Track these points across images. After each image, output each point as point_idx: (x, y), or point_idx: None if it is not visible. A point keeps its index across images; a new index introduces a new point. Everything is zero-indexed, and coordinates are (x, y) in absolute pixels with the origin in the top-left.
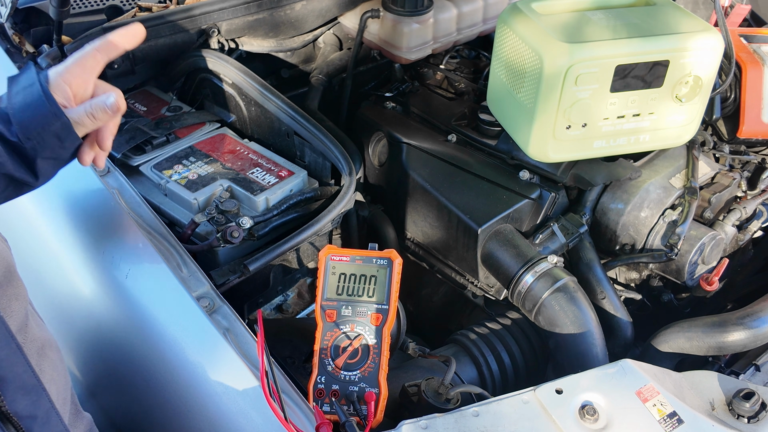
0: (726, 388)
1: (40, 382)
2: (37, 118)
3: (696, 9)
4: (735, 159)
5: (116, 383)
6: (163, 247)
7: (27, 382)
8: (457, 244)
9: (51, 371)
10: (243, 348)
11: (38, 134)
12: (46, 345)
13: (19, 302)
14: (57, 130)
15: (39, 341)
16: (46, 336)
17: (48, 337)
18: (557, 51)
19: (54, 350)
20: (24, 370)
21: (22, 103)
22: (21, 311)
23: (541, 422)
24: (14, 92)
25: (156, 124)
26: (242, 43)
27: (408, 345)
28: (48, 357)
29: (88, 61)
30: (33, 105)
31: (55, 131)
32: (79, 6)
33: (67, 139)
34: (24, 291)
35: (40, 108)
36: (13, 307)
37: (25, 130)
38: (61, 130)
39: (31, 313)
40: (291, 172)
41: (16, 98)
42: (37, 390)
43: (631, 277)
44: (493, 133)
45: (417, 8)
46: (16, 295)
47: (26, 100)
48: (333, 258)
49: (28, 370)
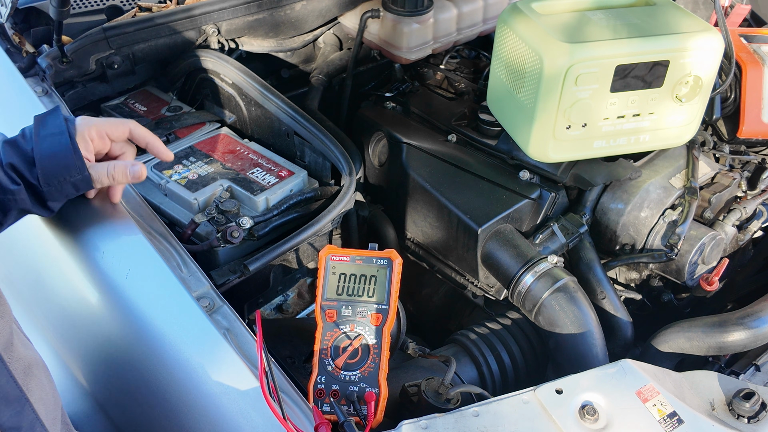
0: (726, 388)
1: (24, 393)
2: (61, 169)
3: (696, 9)
4: (735, 159)
5: (115, 383)
6: (163, 247)
7: (10, 393)
8: (457, 244)
9: (38, 391)
10: (243, 348)
11: (58, 182)
12: (33, 364)
13: (3, 320)
14: (77, 181)
15: (25, 360)
16: (32, 356)
17: (35, 357)
18: (557, 51)
19: (41, 370)
20: (7, 381)
21: (48, 151)
22: (6, 330)
23: (541, 422)
24: (42, 136)
25: (156, 124)
26: (242, 43)
27: (408, 345)
28: (35, 376)
29: (118, 129)
30: (59, 155)
31: (74, 182)
32: (79, 6)
33: (82, 189)
34: (8, 310)
35: (66, 159)
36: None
37: (48, 177)
38: (80, 182)
39: (17, 332)
40: (291, 172)
41: (44, 144)
42: (20, 401)
43: (631, 277)
44: (493, 133)
45: (417, 8)
46: (0, 313)
47: (53, 149)
48: (333, 258)
49: (10, 381)
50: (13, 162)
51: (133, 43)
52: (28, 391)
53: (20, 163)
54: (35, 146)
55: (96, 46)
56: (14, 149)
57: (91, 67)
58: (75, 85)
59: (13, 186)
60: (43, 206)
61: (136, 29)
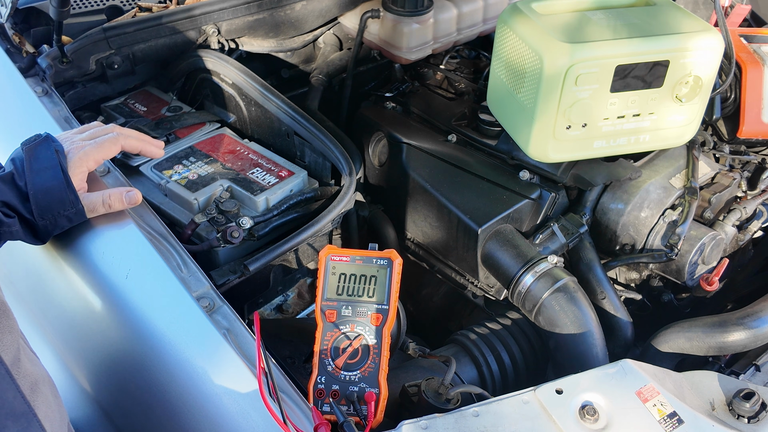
0: (726, 388)
1: (31, 409)
2: (55, 203)
3: (696, 9)
4: (735, 159)
5: (114, 383)
6: (163, 247)
7: (17, 408)
8: (457, 244)
9: (45, 408)
10: (243, 348)
11: (53, 216)
12: (39, 381)
13: (11, 336)
14: (71, 215)
15: (32, 377)
16: (39, 372)
17: (41, 373)
18: (557, 51)
19: (47, 386)
20: (14, 396)
21: (42, 187)
22: (13, 345)
23: (541, 422)
24: (35, 170)
25: (156, 124)
26: (242, 43)
27: (408, 345)
28: (41, 393)
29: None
30: (53, 191)
31: (68, 215)
32: (79, 6)
33: (76, 221)
34: (15, 325)
35: (60, 194)
36: (5, 341)
37: (42, 212)
38: (74, 215)
39: (24, 347)
40: (291, 172)
41: (37, 179)
42: (27, 417)
43: (631, 277)
44: (493, 133)
45: (417, 8)
46: (8, 328)
47: (47, 184)
48: (333, 258)
49: (18, 396)
50: (7, 200)
51: (133, 43)
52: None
53: (14, 199)
54: (28, 181)
55: (96, 46)
56: (8, 186)
57: (91, 67)
58: (75, 85)
59: (7, 219)
60: (36, 237)
61: (136, 29)
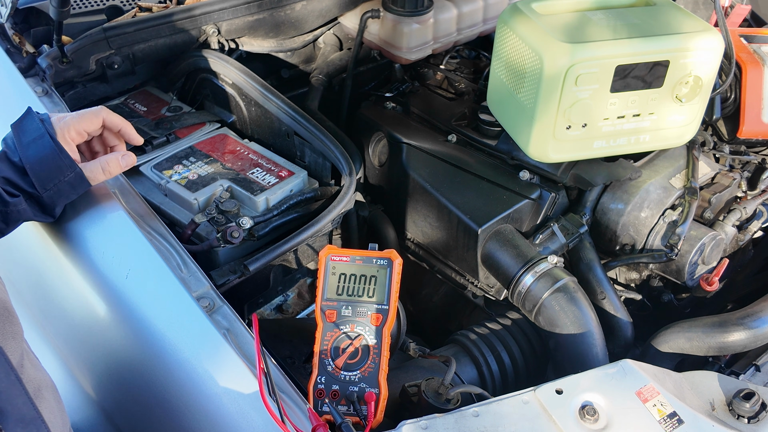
0: (726, 388)
1: (40, 414)
2: (53, 171)
3: (696, 9)
4: (735, 159)
5: (115, 383)
6: (163, 247)
7: (26, 414)
8: (457, 244)
9: (49, 413)
10: (243, 348)
11: (54, 185)
12: (42, 386)
13: (16, 341)
14: (71, 180)
15: (35, 382)
16: (42, 377)
17: (45, 378)
18: (557, 51)
19: (51, 391)
20: (24, 402)
21: (36, 157)
22: (17, 350)
23: (541, 422)
24: (25, 143)
25: (156, 124)
26: (242, 43)
27: (408, 345)
28: (45, 398)
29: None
30: (47, 159)
31: (69, 181)
32: (79, 6)
33: (80, 187)
34: (20, 330)
35: (55, 161)
36: (10, 346)
37: (43, 182)
38: (75, 180)
39: (27, 352)
40: (291, 172)
41: (29, 151)
42: (36, 423)
43: (631, 278)
44: (493, 133)
45: (417, 8)
46: (13, 334)
47: (39, 153)
48: (333, 258)
49: (27, 402)
50: (6, 176)
51: (133, 43)
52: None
53: (13, 175)
54: (22, 155)
55: (96, 46)
56: (4, 164)
57: (91, 67)
58: (75, 85)
59: (12, 198)
60: (45, 212)
61: (136, 29)
